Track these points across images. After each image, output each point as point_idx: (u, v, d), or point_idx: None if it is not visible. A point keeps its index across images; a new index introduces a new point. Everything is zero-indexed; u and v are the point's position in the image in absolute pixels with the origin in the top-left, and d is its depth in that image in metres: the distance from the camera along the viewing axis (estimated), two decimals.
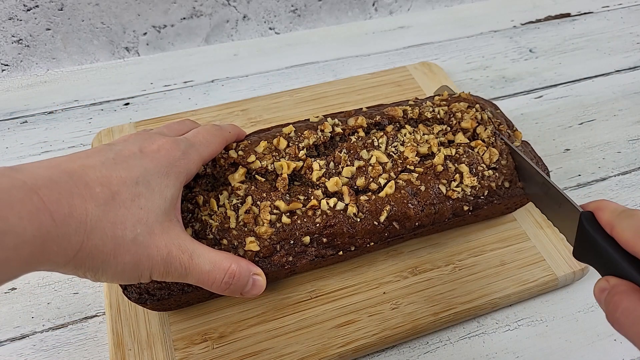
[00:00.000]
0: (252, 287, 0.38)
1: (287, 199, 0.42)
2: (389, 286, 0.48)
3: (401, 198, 0.44)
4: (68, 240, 0.28)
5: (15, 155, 0.60)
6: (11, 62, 0.70)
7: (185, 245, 0.34)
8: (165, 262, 0.33)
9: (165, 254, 0.33)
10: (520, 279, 0.49)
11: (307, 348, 0.44)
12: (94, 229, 0.29)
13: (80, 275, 0.30)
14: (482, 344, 0.47)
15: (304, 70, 0.74)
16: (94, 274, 0.31)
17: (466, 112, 0.49)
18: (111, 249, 0.30)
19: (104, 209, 0.30)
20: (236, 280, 0.36)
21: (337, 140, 0.47)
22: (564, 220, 0.43)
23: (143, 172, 0.33)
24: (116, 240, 0.30)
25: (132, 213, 0.31)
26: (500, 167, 0.47)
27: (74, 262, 0.29)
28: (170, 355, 0.43)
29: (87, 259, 0.29)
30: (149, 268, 0.32)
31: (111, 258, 0.30)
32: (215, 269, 0.35)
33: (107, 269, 0.30)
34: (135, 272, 0.32)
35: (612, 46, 0.80)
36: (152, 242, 0.32)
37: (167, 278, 0.34)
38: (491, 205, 0.47)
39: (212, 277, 0.35)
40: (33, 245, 0.26)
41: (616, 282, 0.35)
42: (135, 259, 0.31)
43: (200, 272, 0.34)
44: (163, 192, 0.34)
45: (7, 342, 0.45)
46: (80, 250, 0.28)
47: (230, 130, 0.45)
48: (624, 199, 0.59)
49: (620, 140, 0.66)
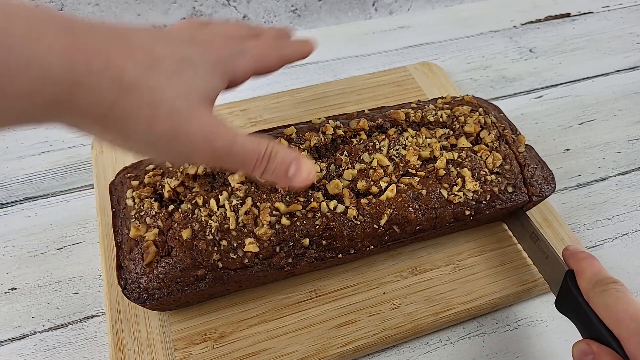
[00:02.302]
0: (298, 170, 0.34)
1: (287, 200, 0.42)
2: (389, 286, 0.48)
3: (402, 202, 0.44)
4: (100, 92, 0.26)
5: (15, 155, 0.60)
6: None
7: (226, 126, 0.32)
8: (207, 140, 0.31)
9: (206, 131, 0.30)
10: (520, 279, 0.49)
11: (307, 348, 0.44)
12: (130, 87, 0.27)
13: (108, 141, 0.29)
14: (482, 344, 0.47)
15: (304, 70, 0.74)
16: (125, 141, 0.29)
17: (469, 115, 0.49)
18: (146, 115, 0.28)
19: (143, 72, 0.28)
20: (279, 159, 0.33)
21: (338, 142, 0.47)
22: (549, 270, 0.44)
23: (189, 54, 0.31)
24: (153, 107, 0.28)
25: (172, 85, 0.29)
26: (503, 171, 0.47)
27: (105, 121, 0.27)
28: (170, 355, 0.43)
29: (119, 120, 0.27)
30: (188, 144, 0.30)
31: (145, 125, 0.28)
32: (258, 147, 0.33)
33: (140, 137, 0.28)
34: (171, 148, 0.30)
35: (612, 46, 0.80)
36: (193, 118, 0.30)
37: (208, 159, 0.32)
38: (493, 210, 0.47)
39: (254, 155, 0.33)
40: (61, 84, 0.24)
41: (599, 350, 0.36)
42: (172, 132, 0.29)
43: (244, 150, 0.32)
44: (207, 80, 0.32)
45: (7, 342, 0.45)
46: (112, 109, 0.26)
47: (293, 49, 0.40)
48: (624, 199, 0.59)
49: (620, 140, 0.66)
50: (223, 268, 0.41)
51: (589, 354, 0.36)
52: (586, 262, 0.40)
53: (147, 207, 0.43)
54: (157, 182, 0.45)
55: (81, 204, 0.56)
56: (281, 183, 0.35)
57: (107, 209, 0.51)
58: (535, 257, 0.47)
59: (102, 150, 0.57)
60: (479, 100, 0.54)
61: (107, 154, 0.57)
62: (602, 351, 0.36)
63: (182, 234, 0.41)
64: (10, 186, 0.57)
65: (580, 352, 0.37)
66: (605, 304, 0.37)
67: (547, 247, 0.46)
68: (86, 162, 0.60)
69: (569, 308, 0.41)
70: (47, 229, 0.53)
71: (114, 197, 0.46)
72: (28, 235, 0.53)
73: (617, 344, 0.35)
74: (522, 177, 0.48)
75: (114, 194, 0.46)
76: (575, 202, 0.59)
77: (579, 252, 0.42)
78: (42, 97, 0.24)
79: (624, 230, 0.56)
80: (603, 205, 0.59)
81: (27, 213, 0.55)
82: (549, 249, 0.45)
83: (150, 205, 0.43)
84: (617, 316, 0.35)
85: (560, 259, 0.44)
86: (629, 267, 0.53)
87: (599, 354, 0.36)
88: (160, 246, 0.41)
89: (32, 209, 0.55)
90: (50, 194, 0.57)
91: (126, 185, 0.46)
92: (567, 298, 0.41)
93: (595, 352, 0.36)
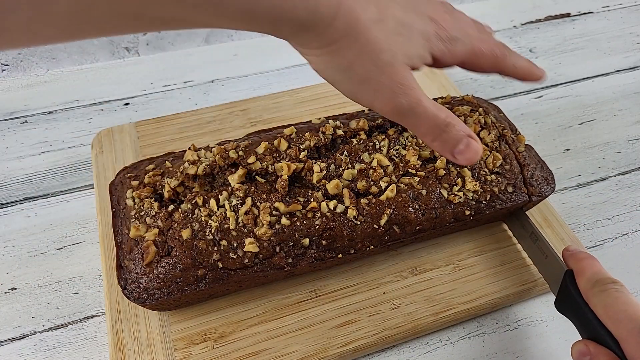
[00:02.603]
0: (467, 148, 0.36)
1: (287, 200, 0.42)
2: (389, 286, 0.48)
3: (402, 202, 0.44)
4: (333, 31, 0.32)
5: (15, 155, 0.60)
6: (11, 62, 0.70)
7: (415, 88, 0.35)
8: (393, 93, 0.34)
9: (395, 86, 0.34)
10: (520, 279, 0.49)
11: (307, 348, 0.44)
12: (356, 32, 0.32)
13: (313, 63, 0.35)
14: (482, 344, 0.47)
15: (304, 70, 0.74)
16: (327, 68, 0.35)
17: (469, 115, 0.49)
18: (353, 54, 0.33)
19: (371, 24, 0.33)
20: (450, 129, 0.36)
21: (338, 142, 0.47)
22: (549, 270, 0.45)
23: (411, 21, 0.35)
24: (362, 51, 0.33)
25: (387, 41, 0.34)
26: (503, 171, 0.47)
27: (322, 48, 0.33)
28: (170, 355, 0.43)
29: (333, 52, 0.33)
30: (375, 91, 0.35)
31: (348, 62, 0.34)
32: (436, 114, 0.36)
33: (340, 69, 0.34)
34: (361, 87, 0.35)
35: (612, 46, 0.80)
36: (388, 71, 0.34)
37: (388, 111, 0.36)
38: (493, 210, 0.47)
39: (432, 121, 0.36)
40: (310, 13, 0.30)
41: (596, 350, 0.36)
42: (366, 75, 0.34)
43: (424, 113, 0.35)
44: (416, 48, 0.36)
45: (7, 342, 0.45)
46: (334, 42, 0.32)
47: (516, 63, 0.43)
48: (624, 199, 0.59)
49: (620, 140, 0.66)
50: (223, 268, 0.41)
51: (586, 355, 0.37)
52: (586, 262, 0.41)
53: (147, 207, 0.43)
54: (157, 182, 0.45)
55: (81, 204, 0.56)
56: (446, 155, 0.37)
57: (107, 209, 0.51)
58: (535, 257, 0.48)
59: (102, 150, 0.57)
60: (479, 100, 0.54)
61: (107, 154, 0.57)
62: (599, 352, 0.36)
63: (182, 234, 0.41)
64: (10, 186, 0.57)
65: (578, 353, 0.37)
66: (604, 304, 0.37)
67: (546, 247, 0.46)
68: (86, 162, 0.60)
69: (568, 308, 0.41)
70: (47, 229, 0.53)
71: (114, 197, 0.46)
72: (28, 235, 0.53)
73: (615, 345, 0.35)
74: (522, 177, 0.48)
75: (114, 194, 0.46)
76: (575, 202, 0.59)
77: (578, 253, 0.42)
78: (292, 19, 0.30)
79: (624, 230, 0.56)
80: (603, 205, 0.59)
81: (27, 213, 0.55)
82: (549, 249, 0.45)
83: (150, 205, 0.43)
84: (615, 316, 0.35)
85: (559, 259, 0.44)
86: (629, 267, 0.53)
87: (596, 355, 0.36)
88: (160, 246, 0.41)
89: (32, 209, 0.55)
90: (50, 194, 0.57)
91: (126, 185, 0.46)
92: (567, 298, 0.41)
93: (592, 352, 0.36)
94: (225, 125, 0.61)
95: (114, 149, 0.58)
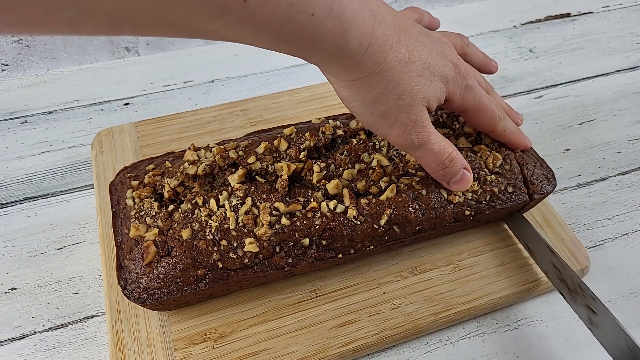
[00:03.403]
0: (460, 179, 0.42)
1: (287, 200, 0.42)
2: (389, 286, 0.48)
3: (402, 202, 0.44)
4: (363, 65, 0.34)
5: (15, 155, 0.60)
6: (11, 62, 0.70)
7: (426, 127, 0.39)
8: (406, 130, 0.38)
9: (410, 124, 0.38)
10: (520, 279, 0.49)
11: (307, 348, 0.44)
12: (383, 71, 0.35)
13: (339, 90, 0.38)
14: (482, 344, 0.47)
15: (304, 70, 0.74)
16: (349, 95, 0.37)
17: None
18: (378, 94, 0.36)
19: (398, 65, 0.36)
20: (452, 165, 0.41)
21: (338, 142, 0.47)
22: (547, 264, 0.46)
23: (436, 66, 0.38)
24: (386, 90, 0.36)
25: (411, 83, 0.37)
26: (503, 172, 0.47)
27: (347, 77, 0.35)
28: (170, 355, 0.43)
29: (358, 84, 0.36)
30: (390, 126, 0.38)
31: (372, 99, 0.36)
32: (441, 151, 0.41)
33: (363, 103, 0.37)
34: (379, 122, 0.38)
35: (612, 46, 0.80)
36: (406, 111, 0.37)
37: (400, 144, 0.40)
38: (493, 210, 0.47)
39: (439, 157, 0.41)
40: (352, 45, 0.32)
41: None
42: (385, 112, 0.37)
43: (432, 149, 0.40)
44: (436, 91, 0.39)
45: (7, 342, 0.45)
46: (362, 76, 0.35)
47: (510, 133, 0.47)
48: (624, 199, 0.59)
49: (620, 140, 0.66)
50: (223, 268, 0.41)
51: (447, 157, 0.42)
52: None
53: (147, 207, 0.43)
54: (157, 182, 0.45)
55: (81, 204, 0.56)
56: (441, 182, 0.44)
57: (107, 209, 0.51)
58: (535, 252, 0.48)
59: (102, 150, 0.57)
60: None
61: (107, 154, 0.57)
62: None
63: (182, 234, 0.41)
64: (10, 186, 0.57)
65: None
66: None
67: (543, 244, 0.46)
68: (86, 162, 0.60)
69: None
70: (47, 229, 0.53)
71: (114, 197, 0.46)
72: (28, 235, 0.53)
73: None
74: (522, 177, 0.48)
75: (114, 194, 0.46)
76: (575, 202, 0.59)
77: None
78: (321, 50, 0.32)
79: (624, 230, 0.56)
80: (603, 205, 0.59)
81: (27, 213, 0.55)
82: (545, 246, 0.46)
83: (150, 205, 0.43)
84: None
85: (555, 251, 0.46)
86: (629, 267, 0.53)
87: None
88: (160, 246, 0.41)
89: (32, 209, 0.55)
90: (50, 194, 0.57)
91: (126, 185, 0.46)
92: None
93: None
94: (225, 125, 0.61)
95: (114, 149, 0.58)
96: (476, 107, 0.43)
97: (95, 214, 0.54)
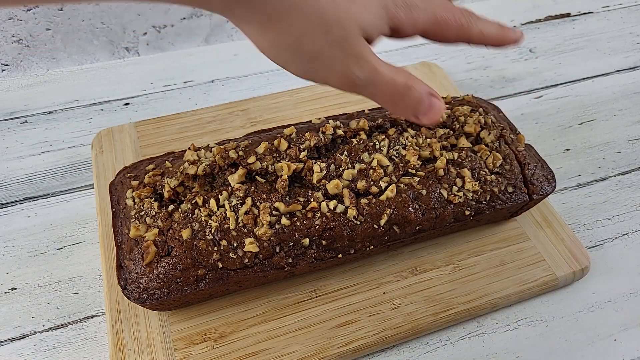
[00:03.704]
0: (430, 108, 0.35)
1: (287, 200, 0.42)
2: (389, 286, 0.48)
3: (402, 202, 0.44)
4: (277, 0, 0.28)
5: (15, 155, 0.60)
6: (11, 62, 0.70)
7: (369, 58, 0.33)
8: (346, 66, 0.32)
9: (348, 59, 0.32)
10: (520, 279, 0.49)
11: (307, 348, 0.44)
12: (302, 4, 0.29)
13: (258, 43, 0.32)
14: (482, 344, 0.47)
15: None
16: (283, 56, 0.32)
17: (470, 115, 0.49)
18: (302, 29, 0.30)
19: None
20: (410, 92, 0.34)
21: (338, 142, 0.47)
22: None
23: None
24: (311, 24, 0.30)
25: (335, 10, 0.31)
26: (504, 171, 0.47)
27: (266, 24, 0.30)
28: (170, 355, 0.43)
29: (281, 31, 0.30)
30: (327, 67, 0.32)
31: (295, 39, 0.30)
32: (393, 80, 0.33)
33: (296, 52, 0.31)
34: (312, 64, 0.32)
35: (612, 46, 0.80)
36: (344, 44, 0.31)
37: (344, 84, 0.33)
38: (493, 210, 0.47)
39: (390, 88, 0.33)
40: None
41: None
42: (316, 51, 0.31)
43: (382, 81, 0.33)
44: (373, 16, 0.32)
45: (7, 342, 0.45)
46: (279, 16, 0.29)
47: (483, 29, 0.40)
48: (624, 199, 0.59)
49: (620, 140, 0.66)
50: (223, 268, 0.41)
51: None
52: None
53: (147, 207, 0.43)
54: (157, 182, 0.45)
55: (81, 204, 0.56)
56: (409, 119, 0.36)
57: (107, 209, 0.51)
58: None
59: (102, 150, 0.57)
60: (479, 100, 0.54)
61: (107, 154, 0.57)
62: None
63: (182, 234, 0.41)
64: (10, 186, 0.57)
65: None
66: None
67: None
68: (86, 162, 0.60)
69: None
70: (47, 229, 0.53)
71: (114, 197, 0.46)
72: (28, 235, 0.53)
73: None
74: (523, 177, 0.48)
75: (114, 194, 0.46)
76: (575, 202, 0.59)
77: None
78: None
79: (624, 230, 0.56)
80: (603, 205, 0.59)
81: (27, 213, 0.55)
82: None
83: (150, 205, 0.43)
84: None
85: None
86: (629, 267, 0.53)
87: None
88: (160, 246, 0.41)
89: (32, 209, 0.55)
90: (50, 194, 0.57)
91: (126, 185, 0.46)
92: None
93: None
94: (225, 125, 0.61)
95: (114, 149, 0.58)
96: (434, 23, 0.36)
97: (95, 214, 0.54)
